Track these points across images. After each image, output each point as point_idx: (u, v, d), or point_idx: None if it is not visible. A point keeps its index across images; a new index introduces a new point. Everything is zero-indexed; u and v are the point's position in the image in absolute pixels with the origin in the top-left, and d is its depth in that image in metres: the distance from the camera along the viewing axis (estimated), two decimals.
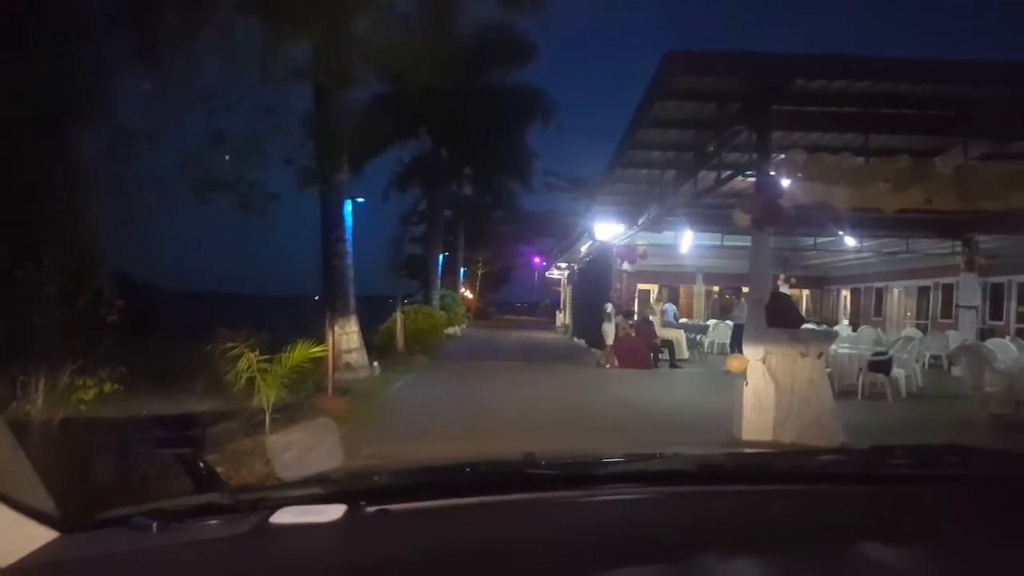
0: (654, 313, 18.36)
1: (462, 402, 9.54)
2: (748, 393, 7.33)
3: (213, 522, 0.98)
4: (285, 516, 0.96)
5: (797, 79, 7.19)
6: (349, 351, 10.34)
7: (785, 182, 7.49)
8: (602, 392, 11.56)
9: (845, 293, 29.42)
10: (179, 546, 0.91)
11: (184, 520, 0.97)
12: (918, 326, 22.00)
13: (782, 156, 7.72)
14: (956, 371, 10.60)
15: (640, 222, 13.64)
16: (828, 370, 8.50)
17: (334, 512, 0.96)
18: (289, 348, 6.41)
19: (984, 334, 17.15)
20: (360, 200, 11.37)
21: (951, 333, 17.36)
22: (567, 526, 0.98)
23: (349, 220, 10.99)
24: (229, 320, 7.54)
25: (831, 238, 17.43)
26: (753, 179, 10.34)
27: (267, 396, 5.93)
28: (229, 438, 5.40)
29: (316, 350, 6.67)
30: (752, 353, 7.36)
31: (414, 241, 33.70)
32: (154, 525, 0.92)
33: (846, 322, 25.82)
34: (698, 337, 18.59)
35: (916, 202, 7.25)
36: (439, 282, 28.06)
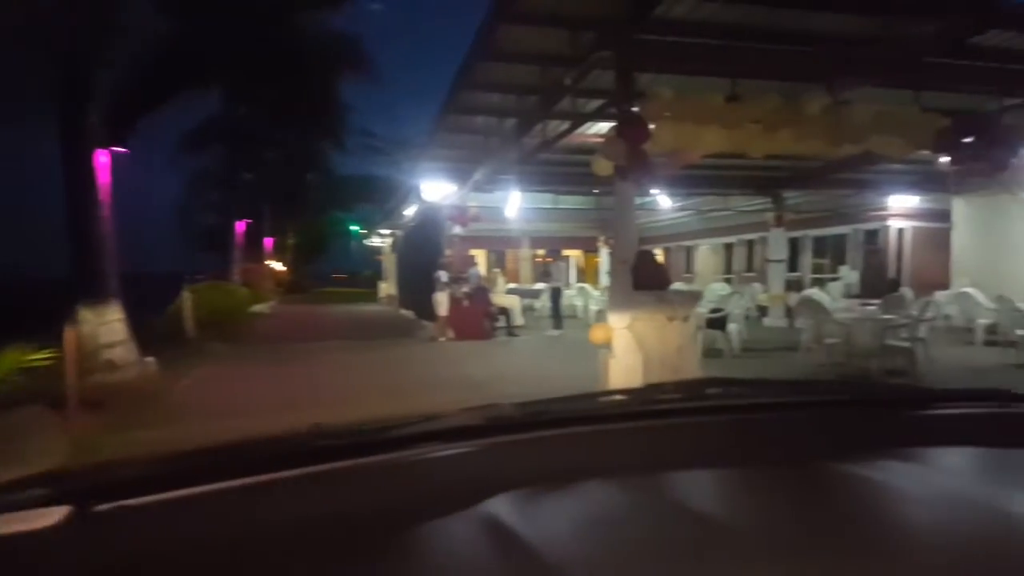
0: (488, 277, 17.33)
1: (270, 397, 7.38)
2: (615, 367, 6.40)
3: None
4: None
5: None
6: (111, 345, 7.93)
7: (651, 125, 6.55)
8: (440, 368, 10.23)
9: (658, 252, 30.77)
10: None
11: None
12: (726, 281, 23.28)
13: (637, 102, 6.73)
14: (799, 323, 10.56)
15: (474, 179, 12.38)
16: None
17: (54, 515, 0.81)
18: None
19: (788, 285, 18.28)
20: (120, 150, 8.71)
21: (756, 286, 18.30)
22: (356, 495, 0.94)
23: (106, 177, 8.41)
24: None
25: (649, 198, 17.37)
26: (609, 127, 9.46)
27: None
28: None
29: (37, 356, 4.59)
30: (618, 321, 6.40)
31: (212, 209, 29.86)
32: None
33: None
34: (531, 302, 17.99)
35: (785, 146, 6.62)
36: (240, 254, 25.01)
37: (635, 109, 6.38)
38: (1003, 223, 13.63)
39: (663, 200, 17.25)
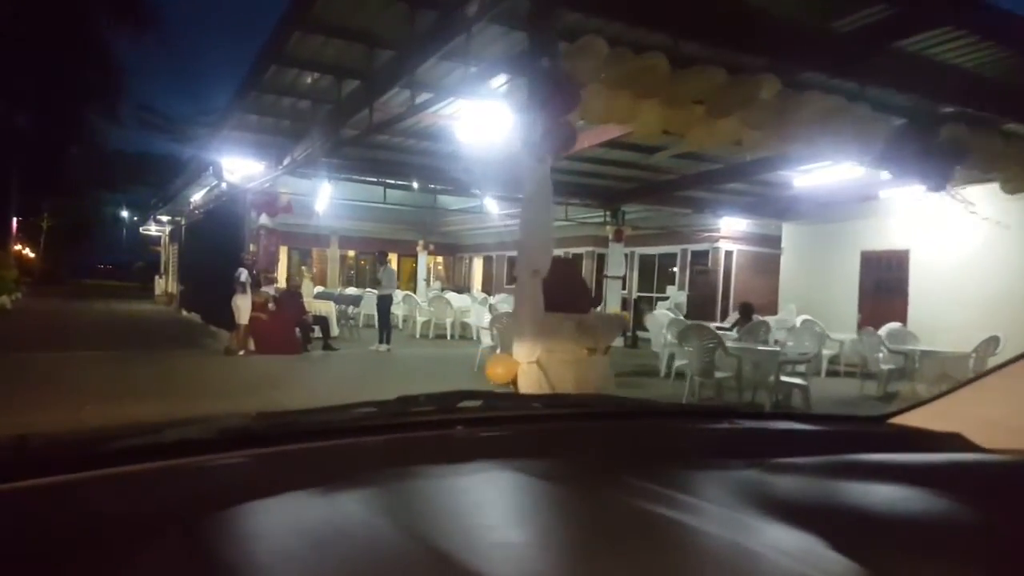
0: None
1: None
2: None
3: None
4: None
5: None
6: None
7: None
8: (240, 395, 7.71)
9: (478, 261, 29.60)
10: None
11: None
12: None
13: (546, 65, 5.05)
14: (656, 347, 9.54)
15: (293, 157, 9.95)
16: None
17: None
18: None
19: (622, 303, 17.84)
20: None
21: None
22: (63, 514, 0.80)
23: None
24: None
25: (476, 202, 15.85)
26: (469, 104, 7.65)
27: None
28: None
29: None
30: (524, 352, 4.64)
31: None
32: None
33: (478, 288, 25.81)
34: (349, 309, 15.65)
35: (729, 136, 5.33)
36: None
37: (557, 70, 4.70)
38: (828, 251, 13.99)
39: (491, 204, 15.68)
